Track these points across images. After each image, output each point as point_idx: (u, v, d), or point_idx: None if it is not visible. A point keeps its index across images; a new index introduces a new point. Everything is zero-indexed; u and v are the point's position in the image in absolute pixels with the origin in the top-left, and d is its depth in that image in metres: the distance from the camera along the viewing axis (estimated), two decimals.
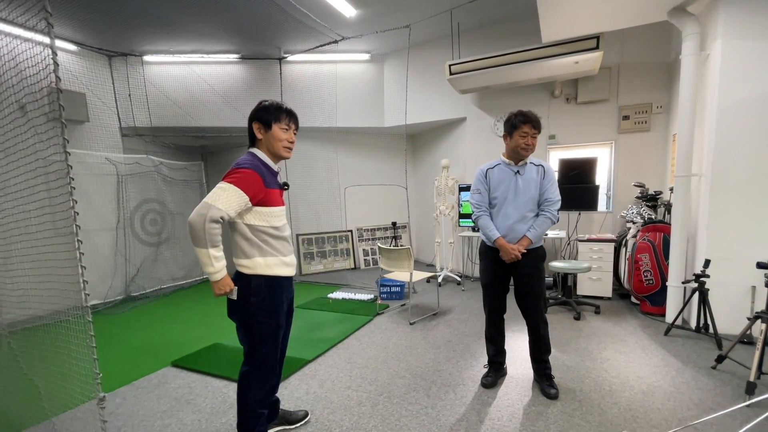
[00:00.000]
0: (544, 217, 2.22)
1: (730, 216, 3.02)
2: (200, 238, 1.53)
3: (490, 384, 2.40)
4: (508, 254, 2.20)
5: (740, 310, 2.97)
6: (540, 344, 2.32)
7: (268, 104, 1.73)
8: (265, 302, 1.70)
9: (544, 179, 2.25)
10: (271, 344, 1.76)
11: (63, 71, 4.60)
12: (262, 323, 1.71)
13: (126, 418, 2.23)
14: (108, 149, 5.06)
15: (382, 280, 4.46)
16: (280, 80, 5.65)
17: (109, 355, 3.19)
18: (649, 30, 4.09)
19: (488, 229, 2.28)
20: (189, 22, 4.49)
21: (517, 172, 2.26)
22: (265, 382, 1.79)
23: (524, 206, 2.23)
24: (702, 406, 2.11)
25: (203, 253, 1.55)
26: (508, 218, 2.24)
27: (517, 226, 2.22)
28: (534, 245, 2.26)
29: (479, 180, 2.36)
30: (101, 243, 4.93)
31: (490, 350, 2.50)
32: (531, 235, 2.21)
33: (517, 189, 2.24)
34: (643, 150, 4.48)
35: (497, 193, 2.29)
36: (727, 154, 3.00)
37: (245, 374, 1.78)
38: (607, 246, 4.08)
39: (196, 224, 1.52)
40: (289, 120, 1.74)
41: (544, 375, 2.34)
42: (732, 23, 2.93)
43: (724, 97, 2.98)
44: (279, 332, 1.79)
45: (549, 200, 2.23)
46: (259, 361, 1.76)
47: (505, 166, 2.30)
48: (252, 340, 1.74)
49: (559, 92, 4.76)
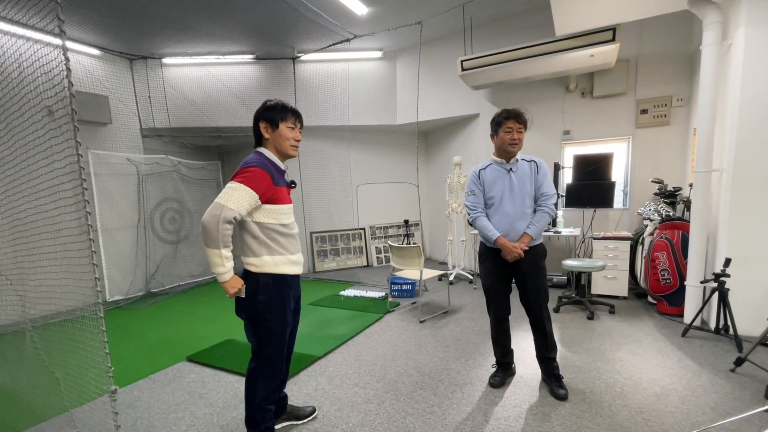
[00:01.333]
0: (542, 213, 2.20)
1: (752, 213, 2.89)
2: (213, 239, 1.55)
3: (498, 384, 2.39)
4: (511, 253, 2.17)
5: (762, 311, 2.85)
6: (545, 341, 2.29)
7: (274, 104, 1.76)
8: (273, 300, 1.73)
9: (538, 174, 2.23)
10: (278, 342, 1.80)
11: (87, 75, 4.80)
12: (270, 321, 1.74)
13: (142, 410, 2.33)
14: (129, 150, 5.25)
15: (393, 278, 4.48)
16: (293, 79, 5.72)
17: (128, 350, 3.32)
18: (669, 20, 3.95)
19: (487, 229, 2.24)
20: (205, 24, 4.59)
21: (509, 169, 2.24)
22: (272, 379, 1.83)
23: (522, 203, 2.21)
24: (718, 410, 2.04)
25: (215, 253, 1.58)
26: (507, 216, 2.22)
27: (517, 224, 2.20)
28: (534, 242, 2.23)
29: (473, 181, 2.33)
30: (123, 241, 5.12)
31: (497, 352, 2.48)
32: (531, 232, 2.18)
33: (512, 186, 2.22)
34: (662, 145, 4.33)
35: (493, 192, 2.26)
36: (749, 149, 2.87)
37: (253, 371, 1.82)
38: (622, 244, 3.98)
39: (209, 225, 1.54)
40: (294, 119, 1.78)
41: (553, 375, 2.30)
42: (756, 11, 2.79)
43: (746, 88, 2.85)
44: (286, 330, 1.83)
45: (545, 194, 2.21)
46: (266, 358, 1.80)
47: (497, 165, 2.28)
48: (259, 338, 1.78)
49: (574, 86, 4.65)
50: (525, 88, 4.96)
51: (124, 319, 4.24)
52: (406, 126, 6.05)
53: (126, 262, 5.15)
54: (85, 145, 4.71)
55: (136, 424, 2.18)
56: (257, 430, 1.83)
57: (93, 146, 4.83)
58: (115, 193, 5.05)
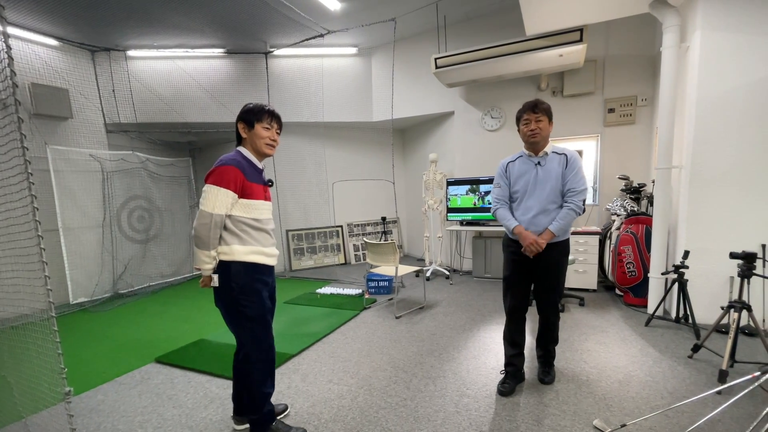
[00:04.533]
0: (567, 209, 2.08)
1: (708, 207, 3.05)
2: (205, 243, 1.68)
3: (508, 392, 2.21)
4: (526, 241, 2.09)
5: (719, 300, 3.01)
6: (551, 336, 2.33)
7: (252, 106, 1.83)
8: (246, 287, 1.78)
9: (566, 168, 2.10)
10: (263, 326, 1.85)
11: (45, 67, 4.55)
12: (246, 306, 1.79)
13: (106, 414, 2.23)
14: (93, 146, 5.01)
15: (369, 275, 4.47)
16: (266, 75, 5.61)
17: (92, 352, 3.19)
18: (634, 22, 4.11)
19: (506, 219, 2.20)
20: (172, 16, 4.43)
21: (537, 163, 2.16)
22: (264, 363, 1.88)
23: (545, 198, 2.11)
24: (675, 394, 2.15)
25: (204, 254, 1.70)
26: (529, 211, 2.14)
27: (539, 219, 2.11)
28: (558, 238, 2.13)
29: (500, 174, 2.28)
30: (87, 240, 4.89)
31: (509, 351, 2.32)
32: (554, 228, 2.08)
33: (537, 180, 2.13)
34: (628, 143, 4.50)
35: (518, 187, 2.19)
36: (705, 146, 3.03)
37: (244, 359, 1.86)
38: (592, 239, 4.12)
39: (202, 232, 1.67)
40: (270, 119, 1.85)
41: (547, 362, 2.38)
42: (711, 15, 2.94)
43: (702, 88, 3.00)
44: (266, 314, 1.87)
45: (572, 190, 2.09)
46: (252, 343, 1.84)
47: (526, 158, 2.21)
48: (240, 325, 1.82)
49: (546, 85, 4.77)
50: (498, 87, 5.05)
51: (89, 321, 4.06)
52: (382, 123, 6.04)
53: (91, 263, 4.92)
54: (43, 140, 4.47)
55: (99, 428, 2.09)
56: (259, 415, 1.86)
57: (52, 141, 4.59)
58: (78, 190, 4.82)
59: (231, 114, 5.42)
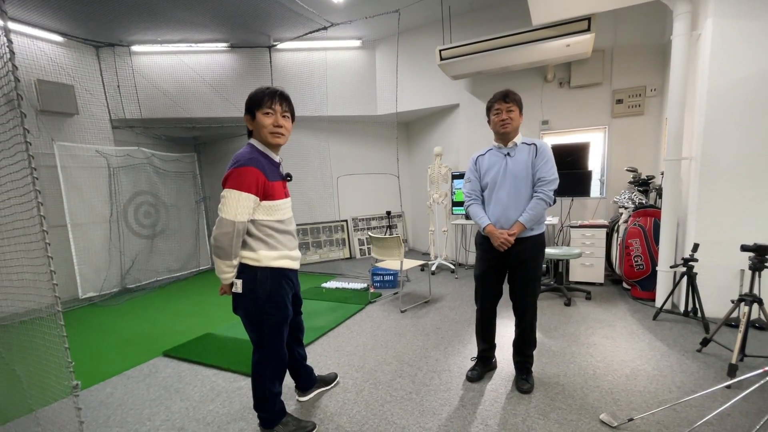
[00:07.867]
0: (537, 199, 2.05)
1: (719, 199, 2.99)
2: (227, 253, 1.57)
3: (476, 378, 2.32)
4: (497, 240, 2.09)
5: (729, 294, 2.96)
6: (525, 337, 2.23)
7: (252, 93, 1.68)
8: (273, 294, 1.70)
9: (536, 157, 2.08)
10: (279, 334, 1.80)
11: (50, 63, 4.57)
12: (271, 314, 1.72)
13: (115, 407, 2.27)
14: (99, 142, 5.05)
15: (374, 269, 4.47)
16: (270, 69, 5.59)
17: (101, 347, 3.23)
18: (642, 10, 4.02)
19: (478, 217, 2.19)
20: (175, 10, 4.42)
21: (507, 154, 2.14)
22: (277, 366, 1.85)
23: (516, 189, 2.09)
24: (684, 388, 2.12)
25: (226, 263, 1.60)
26: (500, 203, 2.12)
27: (510, 212, 2.10)
28: (532, 232, 2.12)
29: (470, 168, 2.28)
30: (95, 236, 4.94)
31: (480, 345, 2.40)
32: (523, 220, 2.05)
33: (506, 171, 2.11)
34: (637, 134, 4.43)
35: (488, 179, 2.18)
36: (716, 137, 2.96)
37: (258, 363, 1.81)
38: (599, 232, 4.07)
39: (223, 242, 1.55)
40: (271, 102, 1.64)
41: (524, 369, 2.27)
42: (724, 1, 2.85)
43: (714, 78, 2.92)
44: (286, 322, 1.82)
45: (542, 179, 2.06)
46: (269, 348, 1.79)
47: (495, 150, 2.20)
48: (261, 332, 1.75)
49: (552, 76, 4.70)
50: (504, 78, 4.98)
51: (98, 316, 4.12)
52: (387, 116, 6.00)
53: (99, 258, 4.98)
54: (50, 137, 4.50)
55: (108, 421, 2.12)
56: (268, 413, 1.86)
57: (59, 138, 4.62)
58: (85, 186, 4.86)
59: (235, 109, 5.42)
